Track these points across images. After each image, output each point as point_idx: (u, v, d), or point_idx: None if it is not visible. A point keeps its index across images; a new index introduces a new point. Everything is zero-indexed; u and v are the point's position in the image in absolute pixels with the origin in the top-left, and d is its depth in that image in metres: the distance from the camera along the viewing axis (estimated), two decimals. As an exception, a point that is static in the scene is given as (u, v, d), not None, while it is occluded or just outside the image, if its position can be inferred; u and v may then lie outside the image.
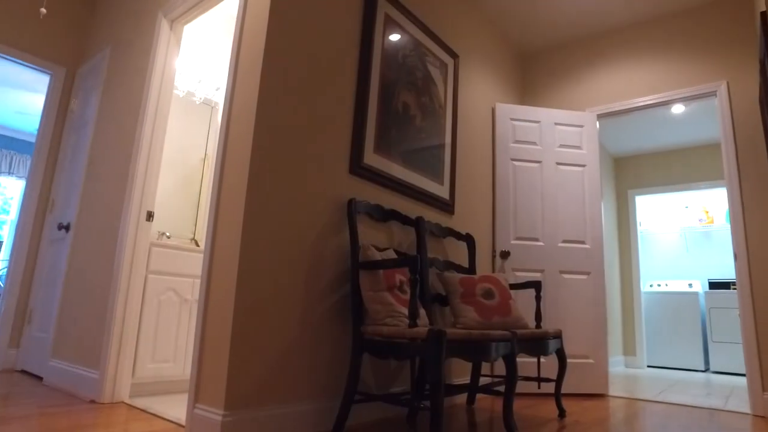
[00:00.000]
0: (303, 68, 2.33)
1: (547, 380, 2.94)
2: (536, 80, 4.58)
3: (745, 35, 3.66)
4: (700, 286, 6.85)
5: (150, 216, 2.83)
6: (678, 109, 5.47)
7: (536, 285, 2.98)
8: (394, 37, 2.95)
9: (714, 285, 6.70)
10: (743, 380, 5.32)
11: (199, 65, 3.83)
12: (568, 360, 3.64)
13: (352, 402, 2.19)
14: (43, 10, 2.94)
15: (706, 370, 6.37)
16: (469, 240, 3.25)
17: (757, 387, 3.18)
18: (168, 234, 3.45)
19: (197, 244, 3.61)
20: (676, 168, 6.65)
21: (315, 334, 2.26)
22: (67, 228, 3.29)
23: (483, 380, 3.51)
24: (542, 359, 3.62)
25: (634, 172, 6.91)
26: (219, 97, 3.92)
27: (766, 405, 3.12)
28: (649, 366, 6.56)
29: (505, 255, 3.72)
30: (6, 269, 3.88)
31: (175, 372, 2.93)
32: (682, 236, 7.38)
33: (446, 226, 3.12)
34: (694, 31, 3.88)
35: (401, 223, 2.79)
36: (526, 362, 3.63)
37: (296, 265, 2.20)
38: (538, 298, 2.96)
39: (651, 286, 6.98)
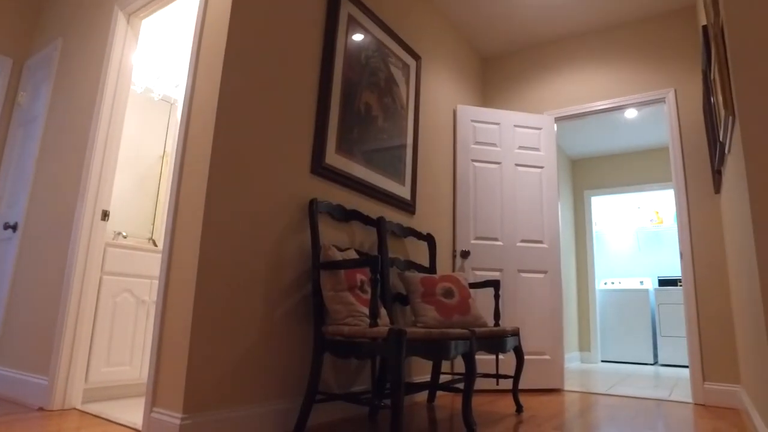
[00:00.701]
0: (265, 67, 2.32)
1: (506, 377, 3.02)
2: (497, 83, 4.68)
3: (691, 47, 3.84)
4: (650, 284, 7.14)
5: (105, 215, 2.75)
6: (631, 113, 5.69)
7: (495, 284, 3.05)
8: (357, 38, 2.96)
9: (663, 282, 7.01)
10: (687, 372, 5.59)
11: (158, 61, 3.74)
12: (526, 357, 3.74)
13: (314, 402, 2.20)
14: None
15: (655, 363, 6.65)
16: (429, 240, 3.30)
17: (698, 378, 3.35)
18: (124, 234, 3.36)
19: (155, 244, 3.53)
20: (629, 170, 6.90)
21: (276, 335, 2.25)
22: (14, 228, 3.16)
23: (443, 378, 3.57)
24: (501, 356, 3.70)
25: (590, 173, 7.13)
26: (179, 94, 3.84)
27: (705, 394, 3.31)
28: (602, 361, 6.80)
29: (465, 254, 3.79)
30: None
31: (132, 375, 2.86)
32: (635, 236, 7.68)
33: (407, 226, 3.15)
34: (645, 40, 4.04)
35: (363, 223, 2.81)
36: (485, 359, 3.71)
37: (257, 265, 2.19)
38: (496, 296, 3.04)
39: (605, 284, 7.23)
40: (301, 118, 2.51)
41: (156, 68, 3.72)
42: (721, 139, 2.70)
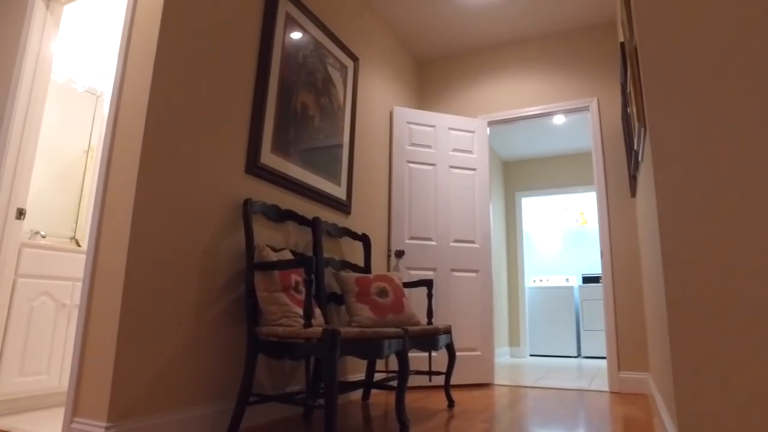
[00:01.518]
0: (199, 62, 2.27)
1: (438, 373, 3.11)
2: (433, 86, 4.79)
3: (612, 59, 4.11)
4: (575, 281, 7.55)
5: (21, 213, 2.59)
6: (559, 119, 5.99)
7: (428, 283, 3.14)
8: (295, 37, 2.95)
9: (587, 279, 7.43)
10: (606, 362, 5.96)
11: (83, 50, 3.55)
12: (458, 353, 3.86)
13: (247, 404, 2.18)
14: None
15: (579, 355, 7.04)
16: (365, 240, 3.33)
17: (614, 368, 3.61)
18: (43, 233, 3.17)
19: (78, 244, 3.35)
20: (557, 173, 7.26)
21: (209, 337, 2.21)
22: None
23: (378, 376, 3.62)
24: (433, 353, 3.80)
25: (521, 175, 7.43)
26: (106, 86, 3.66)
27: (620, 382, 3.57)
28: (531, 355, 7.12)
29: (399, 254, 3.86)
30: None
31: (50, 385, 2.71)
32: (562, 235, 8.09)
33: (343, 227, 3.17)
34: (572, 51, 4.28)
35: (298, 224, 2.80)
36: (418, 357, 3.79)
37: (189, 265, 2.14)
38: (429, 295, 3.12)
39: (534, 281, 7.57)
40: (236, 117, 2.47)
41: (80, 58, 3.52)
42: (635, 147, 2.91)
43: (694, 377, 1.65)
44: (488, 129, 4.46)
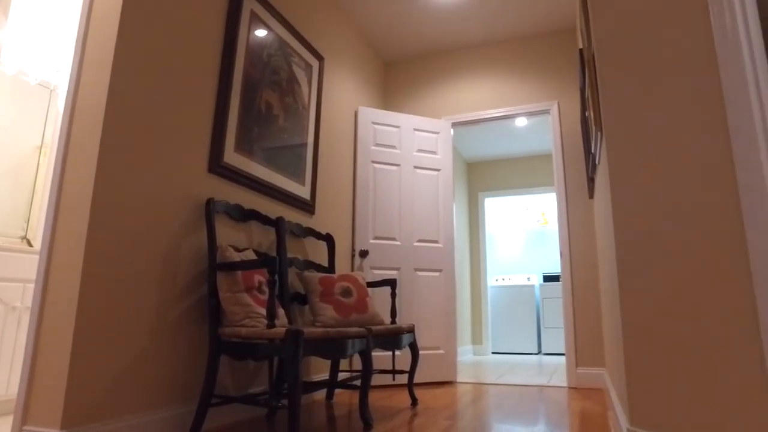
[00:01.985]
0: (161, 58, 2.22)
1: (401, 372, 3.13)
2: (398, 87, 4.82)
3: (572, 64, 4.23)
4: (536, 280, 7.73)
5: (-32, 212, 2.48)
6: (522, 122, 6.12)
7: (391, 283, 3.16)
8: (260, 35, 2.92)
9: (547, 278, 7.62)
10: (564, 359, 6.13)
11: (35, 41, 3.41)
12: (421, 352, 3.90)
13: (209, 405, 2.15)
14: None
15: (539, 352, 7.22)
16: (329, 240, 3.33)
17: (572, 364, 3.72)
18: (-8, 232, 3.03)
19: (30, 244, 3.23)
20: (519, 173, 7.41)
21: (170, 338, 2.17)
22: None
23: (342, 375, 3.63)
24: (397, 352, 3.83)
25: (484, 176, 7.55)
26: (61, 80, 3.54)
27: (578, 378, 3.68)
28: (493, 353, 7.25)
29: (364, 254, 3.88)
30: None
31: (-1, 388, 2.60)
32: (523, 235, 8.26)
33: (307, 226, 3.16)
34: (535, 55, 4.38)
35: (262, 223, 2.78)
36: (382, 356, 3.82)
37: (149, 266, 2.09)
38: (393, 295, 3.14)
39: (496, 280, 7.71)
40: (199, 115, 2.43)
41: (32, 49, 3.39)
42: (593, 151, 3.01)
43: (645, 372, 1.72)
44: (452, 130, 4.52)
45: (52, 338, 1.83)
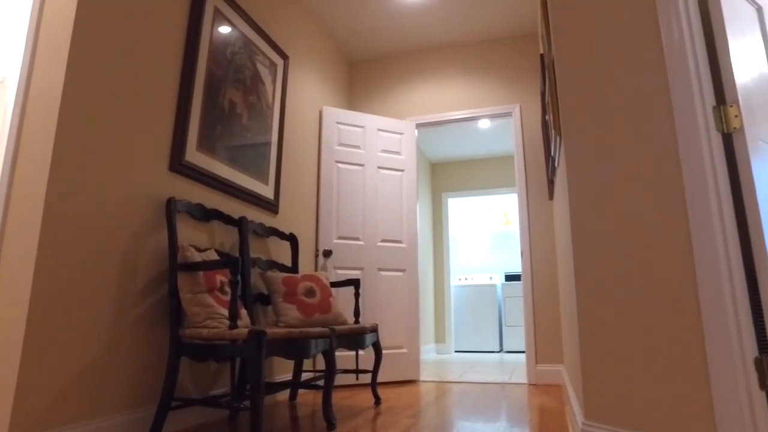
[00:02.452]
0: (120, 52, 2.16)
1: (365, 371, 3.15)
2: (363, 87, 4.83)
3: (534, 68, 4.33)
4: (498, 279, 7.87)
5: None
6: (485, 124, 6.22)
7: (355, 282, 3.17)
8: (224, 33, 2.88)
9: (509, 278, 7.77)
10: (525, 356, 6.27)
11: (-17, 33, 3.27)
12: (385, 351, 3.93)
13: (169, 409, 2.11)
14: None
15: (501, 350, 7.36)
16: (292, 239, 3.32)
17: (532, 361, 3.82)
18: (-64, 231, 2.89)
19: (-23, 243, 3.08)
20: (483, 174, 7.53)
21: (129, 340, 2.12)
22: None
23: (305, 376, 3.62)
24: (360, 352, 3.85)
25: (448, 176, 7.64)
26: (10, 72, 3.39)
27: (537, 375, 3.78)
28: (456, 351, 7.36)
29: (327, 254, 3.87)
30: None
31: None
32: (486, 235, 8.41)
33: (270, 226, 3.14)
34: (498, 58, 4.46)
35: (224, 223, 2.75)
36: (345, 356, 3.82)
37: (107, 266, 2.04)
38: (356, 294, 3.16)
39: (459, 279, 7.82)
40: (160, 113, 2.38)
41: (-19, 42, 3.24)
42: (552, 154, 3.09)
43: (600, 369, 1.79)
44: (416, 131, 4.56)
45: (0, 342, 1.77)
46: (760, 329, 1.45)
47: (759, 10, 1.89)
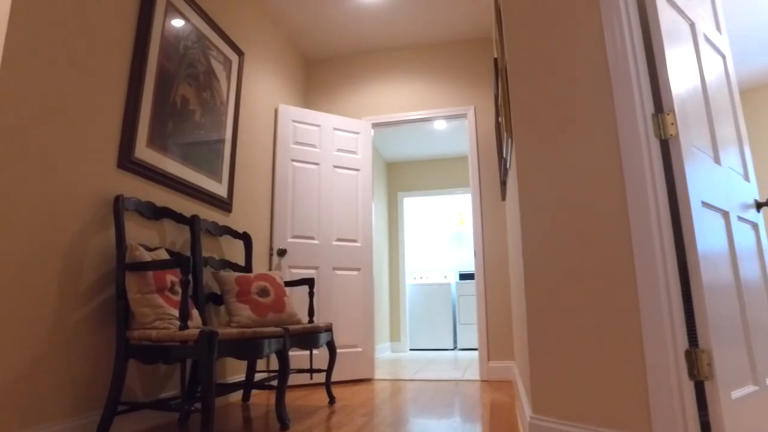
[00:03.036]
0: (65, 46, 2.07)
1: (319, 371, 3.15)
2: (319, 86, 4.81)
3: (488, 71, 4.44)
4: (453, 278, 8.00)
5: None
6: (440, 125, 6.31)
7: (309, 282, 3.16)
8: (176, 26, 2.81)
9: (463, 276, 7.92)
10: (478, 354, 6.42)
11: None
12: (339, 350, 3.93)
13: (115, 413, 2.05)
14: None
15: (455, 348, 7.49)
16: (246, 238, 3.27)
17: (485, 358, 3.91)
18: None
19: None
20: (438, 174, 7.63)
21: (72, 343, 2.04)
22: None
23: (259, 376, 3.58)
24: (315, 351, 3.84)
25: (404, 176, 7.71)
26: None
27: (489, 371, 3.88)
28: (411, 349, 7.43)
29: (282, 253, 3.84)
30: None
31: None
32: (441, 234, 8.53)
33: (223, 225, 3.09)
34: (454, 60, 4.54)
35: (175, 222, 2.68)
36: (300, 355, 3.80)
37: (48, 266, 1.96)
38: (311, 294, 3.15)
39: (414, 278, 7.90)
40: (107, 107, 2.30)
41: None
42: (504, 155, 3.18)
43: (547, 365, 1.86)
44: (372, 131, 4.58)
45: (-68, 346, 1.67)
46: (691, 323, 1.55)
47: (692, 25, 2.01)
